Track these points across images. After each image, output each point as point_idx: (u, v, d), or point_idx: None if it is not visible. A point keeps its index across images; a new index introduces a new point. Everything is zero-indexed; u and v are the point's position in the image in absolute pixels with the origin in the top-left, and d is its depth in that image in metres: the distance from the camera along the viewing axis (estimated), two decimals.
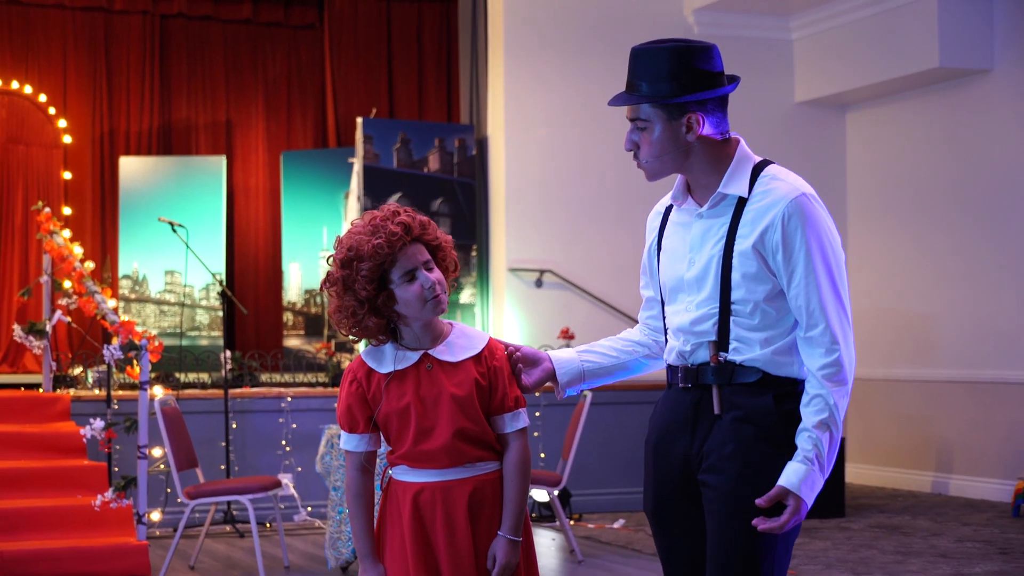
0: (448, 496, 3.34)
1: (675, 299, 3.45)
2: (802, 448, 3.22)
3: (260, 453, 10.20)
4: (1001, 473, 11.33)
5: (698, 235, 3.39)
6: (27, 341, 10.01)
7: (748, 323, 3.31)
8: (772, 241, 3.26)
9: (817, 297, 3.24)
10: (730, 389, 3.33)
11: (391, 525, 3.39)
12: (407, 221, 3.33)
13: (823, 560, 8.39)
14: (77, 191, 13.42)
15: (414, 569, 3.32)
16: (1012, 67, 11.39)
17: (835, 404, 3.24)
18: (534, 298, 12.14)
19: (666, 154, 3.35)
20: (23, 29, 13.38)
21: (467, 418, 3.34)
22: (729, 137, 3.39)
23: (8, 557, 7.90)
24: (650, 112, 3.33)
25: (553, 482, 8.75)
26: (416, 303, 3.31)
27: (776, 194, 3.29)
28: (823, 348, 3.25)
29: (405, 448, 3.34)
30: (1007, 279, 11.39)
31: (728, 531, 3.28)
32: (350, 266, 3.28)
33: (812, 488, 3.21)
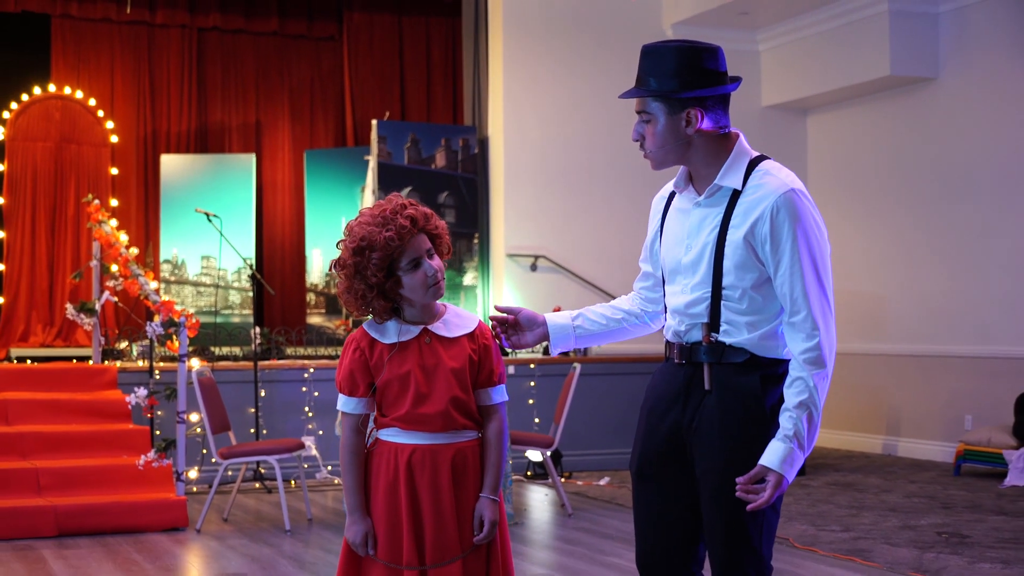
0: (436, 458, 3.33)
1: (673, 280, 3.42)
2: (783, 428, 3.19)
3: (286, 418, 10.19)
4: (944, 436, 11.34)
5: (695, 222, 3.35)
6: (79, 318, 10.00)
7: (737, 307, 3.27)
8: (762, 232, 3.22)
9: (801, 285, 3.19)
10: (720, 368, 3.29)
11: (377, 482, 3.36)
12: (414, 215, 3.32)
13: (786, 513, 8.38)
14: (123, 185, 13.40)
15: (406, 522, 3.30)
16: (954, 76, 11.37)
17: (815, 386, 3.18)
18: (529, 280, 12.16)
19: (667, 145, 3.31)
20: (75, 41, 13.35)
21: (460, 388, 3.35)
22: (728, 132, 3.35)
23: (62, 511, 7.90)
24: (654, 106, 3.29)
25: (546, 444, 8.74)
26: (420, 288, 3.31)
27: (767, 188, 3.24)
28: (804, 333, 3.19)
29: (403, 411, 3.32)
30: (949, 264, 11.39)
31: (720, 499, 3.26)
32: (362, 254, 3.27)
33: (792, 464, 3.17)
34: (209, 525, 8.22)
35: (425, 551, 3.31)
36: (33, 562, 7.03)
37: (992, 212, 10.99)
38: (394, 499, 3.33)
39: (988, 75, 11.05)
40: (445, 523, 3.31)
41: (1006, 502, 8.85)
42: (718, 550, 3.29)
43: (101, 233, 9.97)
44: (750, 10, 12.13)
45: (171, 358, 9.33)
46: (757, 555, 3.26)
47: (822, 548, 7.19)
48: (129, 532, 7.96)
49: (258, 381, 10.00)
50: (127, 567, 6.88)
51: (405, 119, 13.78)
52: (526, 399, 10.80)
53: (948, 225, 11.43)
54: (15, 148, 12.88)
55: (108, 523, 7.98)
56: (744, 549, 3.26)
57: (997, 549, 7.05)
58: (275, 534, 7.88)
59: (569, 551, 7.31)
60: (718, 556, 3.29)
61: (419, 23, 14.14)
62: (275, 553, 7.24)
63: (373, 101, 13.86)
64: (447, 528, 3.31)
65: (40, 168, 12.95)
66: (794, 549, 7.24)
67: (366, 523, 3.35)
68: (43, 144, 12.96)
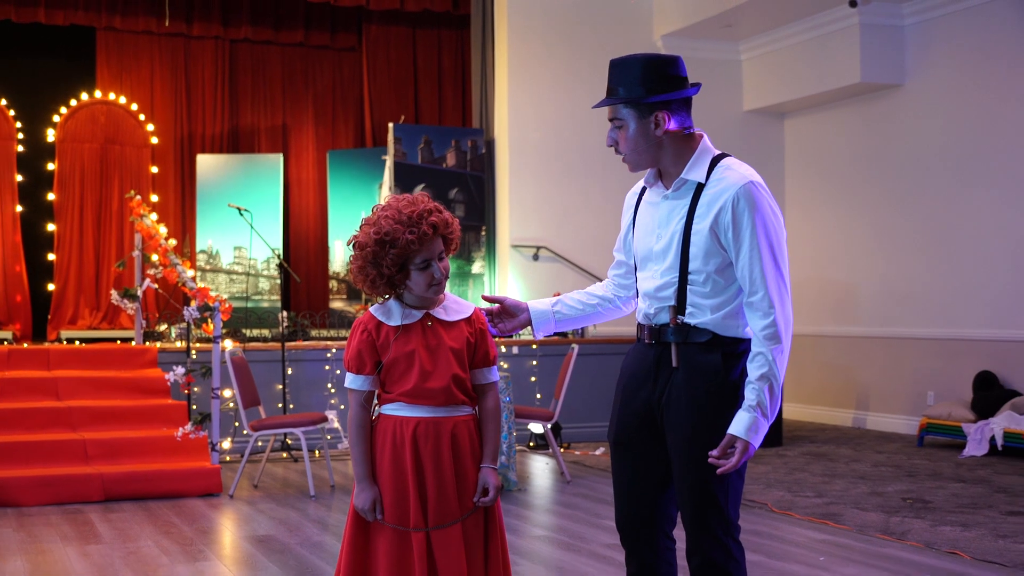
0: (438, 430, 3.33)
1: (645, 267, 3.43)
2: (747, 399, 3.20)
3: (310, 394, 10.20)
4: (908, 411, 11.34)
5: (664, 214, 3.36)
6: (122, 303, 10.01)
7: (701, 291, 3.28)
8: (724, 221, 3.22)
9: (759, 268, 3.20)
10: (686, 347, 3.31)
11: (383, 453, 3.36)
12: (437, 222, 3.31)
13: (764, 481, 8.38)
14: (162, 182, 13.39)
15: (412, 488, 3.30)
16: (919, 83, 11.36)
17: (773, 360, 3.19)
18: (531, 269, 12.17)
19: (640, 147, 3.32)
20: (119, 52, 13.33)
21: (460, 367, 3.35)
22: (693, 132, 3.35)
23: (107, 478, 7.92)
24: (624, 112, 3.30)
25: (547, 417, 8.75)
26: (423, 287, 3.32)
27: (728, 181, 3.24)
28: (761, 312, 3.20)
29: (409, 387, 3.32)
30: (914, 253, 11.39)
31: (689, 464, 3.28)
32: (382, 246, 3.26)
33: (756, 432, 3.19)
34: (241, 491, 8.23)
35: (428, 514, 3.31)
36: (81, 524, 7.05)
37: (952, 206, 10.98)
38: (400, 467, 3.32)
39: (949, 82, 11.04)
40: (446, 489, 3.32)
41: (964, 471, 8.85)
42: (688, 511, 3.32)
43: (142, 226, 9.98)
44: (733, 23, 12.11)
45: (206, 339, 9.35)
46: (723, 515, 3.28)
47: (798, 512, 7.19)
48: (168, 497, 7.98)
49: (285, 360, 10.01)
50: (166, 529, 6.89)
51: (419, 122, 13.75)
52: (528, 377, 10.81)
53: (912, 218, 11.42)
54: (64, 149, 12.87)
55: (149, 489, 8.00)
56: (712, 510, 3.28)
57: (956, 513, 7.05)
58: (301, 499, 7.89)
59: (568, 514, 7.32)
60: (688, 516, 3.32)
61: (431, 35, 14.12)
62: (301, 516, 7.25)
63: (390, 106, 13.84)
64: (448, 493, 3.32)
65: (87, 167, 12.95)
66: (772, 513, 7.24)
67: (374, 490, 3.35)
68: (90, 145, 12.95)
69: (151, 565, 5.92)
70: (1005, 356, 10.41)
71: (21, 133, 12.81)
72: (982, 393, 10.16)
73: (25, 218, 12.81)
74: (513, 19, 12.31)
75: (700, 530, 3.29)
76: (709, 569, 3.30)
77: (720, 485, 3.27)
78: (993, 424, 9.60)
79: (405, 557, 3.30)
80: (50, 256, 12.83)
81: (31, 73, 13.25)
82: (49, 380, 8.93)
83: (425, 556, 3.28)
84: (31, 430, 8.42)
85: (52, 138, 12.86)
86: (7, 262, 12.58)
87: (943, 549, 6.11)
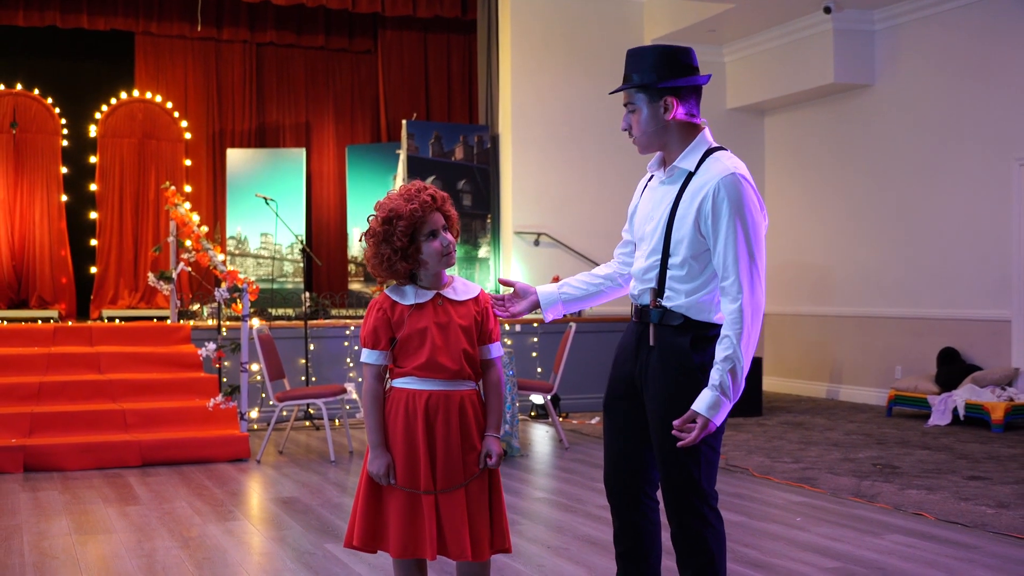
0: (447, 401, 3.33)
1: (639, 248, 3.42)
2: (712, 378, 3.16)
3: (331, 368, 10.18)
4: (878, 384, 11.32)
5: (658, 198, 3.34)
6: (158, 285, 9.99)
7: (678, 275, 3.25)
8: (705, 209, 3.17)
9: (733, 255, 3.14)
10: (661, 328, 3.29)
11: (396, 422, 3.34)
12: (434, 193, 3.35)
13: (745, 448, 8.36)
14: (195, 174, 13.35)
15: (423, 454, 3.30)
16: (887, 83, 11.30)
17: (738, 343, 3.13)
18: (533, 254, 12.13)
19: (650, 130, 3.29)
20: (155, 54, 13.27)
21: (468, 343, 3.36)
22: (697, 122, 3.32)
23: (145, 445, 7.90)
24: (638, 97, 3.28)
25: (547, 389, 8.72)
26: (436, 255, 3.31)
27: (713, 171, 3.20)
28: (731, 296, 3.15)
29: (422, 360, 3.31)
30: (884, 240, 11.35)
31: (664, 440, 3.28)
32: (390, 223, 3.28)
33: (717, 409, 3.14)
34: (267, 457, 8.21)
35: (437, 478, 3.31)
36: (121, 487, 7.03)
37: (918, 197, 10.93)
38: (412, 435, 3.31)
39: (915, 83, 10.98)
40: (453, 455, 3.32)
41: (929, 439, 8.82)
42: (665, 482, 3.31)
43: (177, 214, 9.94)
44: (717, 28, 12.05)
45: (235, 318, 9.32)
46: (697, 485, 3.26)
47: (776, 477, 7.16)
48: (200, 462, 7.96)
49: (308, 337, 9.98)
50: (199, 491, 6.87)
51: (430, 119, 13.69)
52: (530, 352, 10.77)
53: (882, 207, 11.38)
54: (105, 144, 12.83)
55: (183, 455, 7.98)
56: (687, 481, 3.26)
57: (922, 478, 7.02)
58: (322, 464, 7.87)
59: (566, 478, 7.29)
60: (665, 487, 3.32)
61: (441, 39, 14.06)
62: (322, 480, 7.23)
63: (403, 104, 13.78)
64: (455, 460, 3.32)
65: (126, 160, 12.90)
66: (753, 478, 7.21)
67: (387, 457, 3.34)
68: (128, 140, 12.90)
69: (185, 524, 5.90)
70: (966, 334, 10.37)
71: (66, 129, 12.77)
72: (945, 368, 10.13)
73: (69, 207, 12.77)
74: (516, 25, 12.25)
75: (676, 500, 3.28)
76: (686, 535, 3.29)
77: (693, 458, 3.25)
78: (956, 396, 9.57)
79: (415, 517, 3.30)
80: (92, 242, 12.80)
81: (74, 74, 13.20)
82: (92, 355, 8.92)
83: (434, 516, 3.29)
84: (75, 401, 8.41)
85: (94, 134, 12.81)
86: (53, 247, 12.56)
87: (910, 511, 6.08)
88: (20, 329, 9.26)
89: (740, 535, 5.52)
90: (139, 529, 5.78)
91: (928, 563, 4.98)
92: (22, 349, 8.91)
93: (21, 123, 12.50)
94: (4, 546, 5.41)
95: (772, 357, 12.81)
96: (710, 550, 3.27)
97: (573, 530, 5.70)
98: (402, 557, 3.33)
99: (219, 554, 5.24)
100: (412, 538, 3.30)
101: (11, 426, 7.88)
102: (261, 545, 5.46)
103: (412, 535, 3.29)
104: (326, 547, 5.33)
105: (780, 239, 12.81)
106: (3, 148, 12.44)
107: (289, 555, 5.20)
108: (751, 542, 5.39)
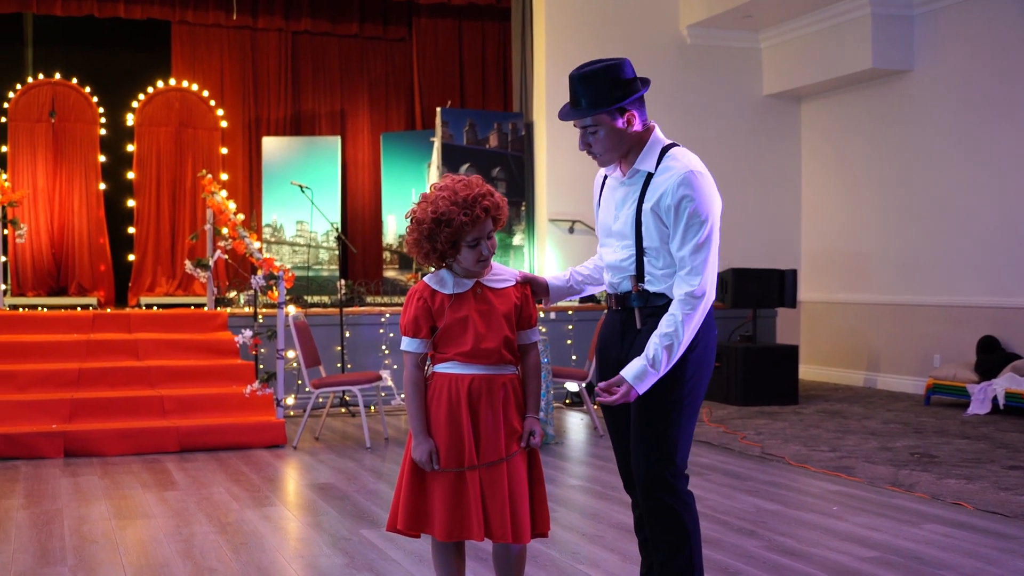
0: (490, 386, 3.38)
1: (606, 243, 3.55)
2: (646, 350, 3.29)
3: (366, 355, 10.22)
4: (916, 372, 11.23)
5: (621, 198, 3.47)
6: (196, 272, 10.05)
7: (655, 263, 3.38)
8: (664, 205, 3.32)
9: (690, 247, 3.29)
10: (646, 311, 3.42)
11: (439, 407, 3.38)
12: (489, 206, 3.34)
13: (782, 436, 8.31)
14: (231, 162, 13.42)
15: (467, 436, 3.34)
16: (927, 68, 11.18)
17: (681, 322, 3.27)
18: (567, 241, 12.11)
19: (616, 147, 3.40)
20: (191, 43, 13.35)
21: (509, 329, 3.41)
22: (649, 125, 3.45)
23: (183, 430, 7.97)
24: (597, 118, 3.37)
25: (581, 377, 8.72)
26: (472, 262, 3.36)
27: (671, 171, 3.34)
28: (685, 283, 3.30)
29: (465, 348, 3.35)
30: (921, 227, 11.25)
31: (642, 416, 3.39)
32: (438, 225, 3.29)
33: (642, 379, 3.27)
34: (303, 443, 8.26)
35: (480, 456, 3.36)
36: (159, 472, 7.10)
37: (957, 184, 10.82)
38: (456, 418, 3.35)
39: (955, 68, 10.85)
40: (495, 436, 3.36)
41: (968, 428, 8.74)
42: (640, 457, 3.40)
43: (213, 202, 10.00)
44: (753, 13, 11.95)
45: (271, 305, 9.37)
46: (671, 460, 3.37)
47: (813, 465, 7.12)
48: (237, 448, 8.02)
49: (343, 324, 10.02)
50: (236, 477, 6.92)
51: (464, 107, 13.69)
52: (565, 340, 10.77)
53: (920, 193, 11.27)
54: (143, 132, 12.92)
55: (220, 441, 8.04)
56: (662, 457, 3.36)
57: (961, 467, 6.96)
58: (358, 451, 7.90)
59: (601, 466, 7.29)
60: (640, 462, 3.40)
61: (475, 27, 14.04)
62: (358, 466, 7.26)
63: (437, 92, 13.79)
64: (497, 440, 3.36)
65: (163, 149, 12.99)
66: (789, 466, 7.18)
67: (430, 443, 3.37)
68: (165, 129, 12.99)
69: (222, 509, 5.94)
70: (1006, 322, 10.26)
71: (103, 118, 12.88)
72: (985, 356, 10.03)
73: (107, 195, 12.89)
74: (550, 11, 12.21)
75: (650, 473, 3.37)
76: (660, 512, 3.38)
77: (668, 435, 3.36)
78: (995, 385, 9.47)
79: (461, 500, 3.34)
80: (130, 230, 12.91)
81: (112, 63, 13.30)
82: (130, 342, 8.99)
83: (479, 498, 3.33)
84: (114, 387, 8.49)
85: (131, 122, 12.91)
86: (92, 235, 12.68)
87: (948, 500, 6.03)
88: (60, 316, 9.36)
89: (776, 524, 5.50)
90: (177, 514, 5.83)
91: (966, 553, 4.94)
92: (62, 336, 9.00)
93: (60, 112, 12.61)
94: (45, 530, 5.48)
95: (808, 345, 12.73)
96: (685, 525, 3.37)
97: (608, 517, 5.70)
98: (448, 540, 3.37)
99: (256, 539, 5.28)
100: (458, 521, 3.33)
101: (52, 412, 7.97)
102: (297, 531, 5.50)
103: (458, 518, 3.33)
104: (362, 533, 5.36)
105: (815, 226, 12.71)
106: (42, 137, 12.56)
107: (325, 540, 5.24)
108: (787, 531, 5.37)
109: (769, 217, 12.92)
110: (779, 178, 12.98)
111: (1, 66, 12.94)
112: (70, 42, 13.13)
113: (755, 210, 12.69)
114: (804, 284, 12.94)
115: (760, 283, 10.57)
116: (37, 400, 8.05)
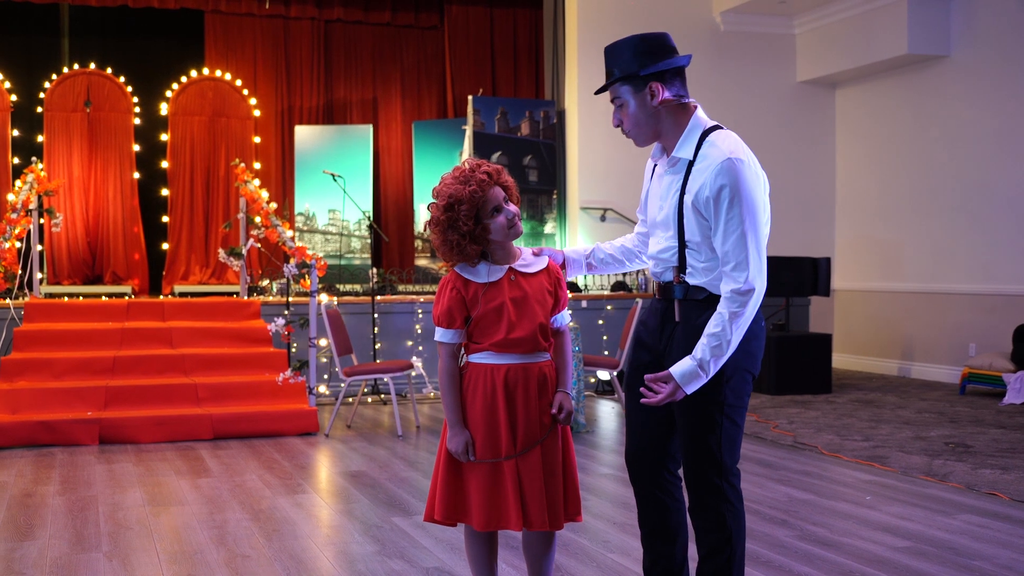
0: (526, 374, 3.35)
1: (654, 232, 3.44)
2: (695, 350, 3.16)
3: (398, 343, 10.24)
4: (950, 361, 11.14)
5: (664, 188, 3.36)
6: (229, 261, 10.09)
7: (696, 255, 3.26)
8: (703, 198, 3.17)
9: (732, 240, 3.13)
10: (686, 303, 3.31)
11: (475, 397, 3.36)
12: (489, 170, 3.33)
13: (815, 425, 8.27)
14: (264, 151, 13.47)
15: (504, 425, 3.32)
16: (964, 54, 11.05)
17: (728, 320, 3.12)
18: (599, 229, 12.08)
19: (641, 121, 3.28)
20: (224, 32, 13.39)
21: (543, 315, 3.38)
22: (687, 103, 3.29)
23: (216, 418, 8.02)
24: (623, 90, 3.27)
25: (613, 365, 8.70)
26: (502, 230, 3.31)
27: (710, 159, 3.17)
28: (732, 279, 3.14)
29: (499, 337, 3.32)
30: (957, 214, 11.14)
31: (685, 414, 3.30)
32: (452, 209, 3.26)
33: (690, 380, 3.15)
34: (335, 431, 8.30)
35: (517, 444, 3.34)
36: (193, 460, 7.15)
37: (992, 171, 10.70)
38: (492, 409, 3.33)
39: (992, 54, 10.73)
40: (532, 424, 3.35)
41: (1004, 417, 8.66)
42: (685, 456, 3.33)
43: (246, 191, 10.04)
44: None
45: (304, 293, 9.40)
46: (716, 459, 3.26)
47: (846, 455, 7.08)
48: (270, 436, 8.07)
49: (375, 312, 10.05)
50: (269, 464, 6.97)
51: (496, 95, 13.67)
52: (597, 329, 10.75)
53: (956, 181, 11.16)
54: (176, 121, 13.00)
55: (253, 428, 8.09)
56: (705, 456, 3.27)
57: (996, 457, 6.90)
58: (389, 438, 7.93)
59: None
60: (685, 462, 3.33)
61: (507, 14, 14.01)
62: (389, 454, 7.29)
63: (469, 80, 13.78)
64: (533, 425, 3.34)
65: (196, 138, 13.06)
66: (822, 456, 7.14)
67: (465, 434, 3.36)
68: (199, 118, 13.05)
69: (255, 496, 5.98)
70: None
71: (137, 107, 12.96)
72: (1021, 345, 9.92)
73: (142, 184, 12.98)
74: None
75: (696, 474, 3.29)
76: (704, 511, 3.31)
77: (713, 433, 3.26)
78: None
79: (499, 490, 3.33)
80: (164, 218, 13.00)
81: (146, 53, 13.38)
82: (164, 330, 9.06)
83: (517, 487, 3.32)
84: (148, 375, 8.56)
85: (165, 112, 12.98)
86: (126, 224, 12.78)
87: (983, 490, 5.98)
88: (95, 304, 9.44)
89: (808, 513, 5.48)
90: (211, 501, 5.87)
91: (1001, 543, 4.90)
92: (97, 324, 9.08)
93: (94, 102, 12.71)
94: (81, 516, 5.54)
95: (842, 333, 12.65)
96: (728, 527, 3.29)
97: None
98: (486, 530, 3.36)
99: (288, 526, 5.31)
100: (495, 511, 3.33)
101: (87, 399, 8.05)
102: (329, 518, 5.53)
103: (495, 508, 3.33)
104: (393, 520, 5.38)
105: (850, 215, 12.62)
106: (77, 127, 12.66)
107: (357, 528, 5.26)
108: (820, 520, 5.34)
109: (803, 205, 12.84)
110: (813, 166, 12.89)
111: (37, 57, 13.04)
112: (105, 32, 13.22)
113: (789, 198, 12.61)
114: (838, 272, 12.86)
115: (794, 271, 10.50)
116: (73, 388, 8.14)
